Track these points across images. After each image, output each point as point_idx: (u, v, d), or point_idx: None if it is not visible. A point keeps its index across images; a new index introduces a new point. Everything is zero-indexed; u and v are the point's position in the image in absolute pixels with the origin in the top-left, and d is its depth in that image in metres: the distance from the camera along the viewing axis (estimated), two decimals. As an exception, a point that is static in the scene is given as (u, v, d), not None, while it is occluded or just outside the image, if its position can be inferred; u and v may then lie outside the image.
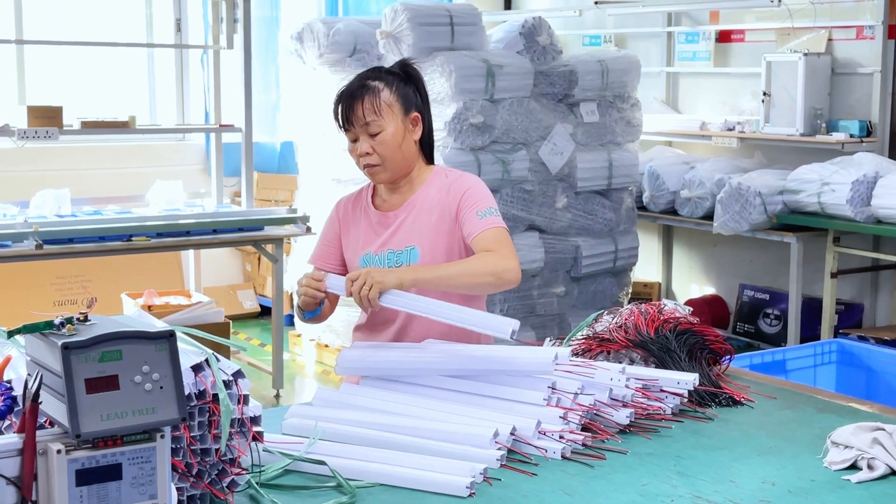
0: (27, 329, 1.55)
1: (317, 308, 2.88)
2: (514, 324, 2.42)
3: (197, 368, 1.93)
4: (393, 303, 2.66)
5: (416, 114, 2.94)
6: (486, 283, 2.79)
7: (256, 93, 8.42)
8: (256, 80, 8.38)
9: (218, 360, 1.98)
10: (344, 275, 2.99)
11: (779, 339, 6.83)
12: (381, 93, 2.88)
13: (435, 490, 2.11)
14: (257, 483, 2.10)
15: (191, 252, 6.95)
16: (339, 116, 2.91)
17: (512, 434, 2.27)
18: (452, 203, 2.91)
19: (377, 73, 2.95)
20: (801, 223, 6.24)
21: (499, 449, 2.23)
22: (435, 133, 6.13)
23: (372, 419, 2.40)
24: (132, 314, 2.42)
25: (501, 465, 2.21)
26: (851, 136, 6.37)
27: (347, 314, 6.17)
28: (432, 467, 2.17)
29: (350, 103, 2.88)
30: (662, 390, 2.55)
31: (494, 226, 2.85)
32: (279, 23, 8.39)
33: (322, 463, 2.19)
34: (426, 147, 3.02)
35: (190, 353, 1.96)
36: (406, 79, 2.95)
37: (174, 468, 1.89)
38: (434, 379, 2.53)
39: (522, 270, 6.54)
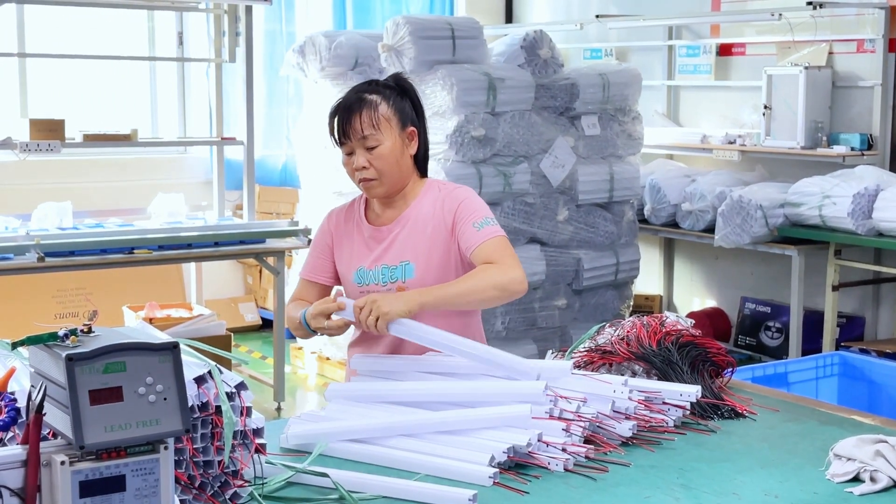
0: (31, 340, 1.55)
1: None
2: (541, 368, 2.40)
3: (200, 380, 1.94)
4: (401, 332, 2.64)
5: (412, 128, 2.90)
6: (492, 297, 2.77)
7: (265, 106, 8.48)
8: (264, 93, 8.43)
9: (221, 372, 1.98)
10: (337, 284, 3.02)
11: (780, 352, 6.83)
12: (378, 106, 2.84)
13: (437, 502, 2.11)
14: (260, 495, 2.10)
15: (192, 265, 6.96)
16: (336, 130, 2.87)
17: (510, 457, 2.27)
18: (448, 216, 2.87)
19: (373, 86, 2.91)
20: (803, 236, 6.24)
21: (493, 466, 2.23)
22: (436, 146, 6.20)
23: (370, 436, 2.40)
24: (135, 326, 2.42)
25: (501, 474, 2.21)
26: (852, 149, 6.37)
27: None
28: (455, 456, 2.21)
29: (347, 116, 2.84)
30: (665, 402, 2.55)
31: (493, 236, 2.82)
32: (294, 37, 8.35)
33: (324, 475, 2.19)
34: (421, 161, 2.98)
35: (193, 365, 1.96)
36: (402, 93, 2.92)
37: (177, 480, 1.89)
38: (433, 391, 2.54)
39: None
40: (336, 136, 2.87)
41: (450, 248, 2.87)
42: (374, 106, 2.84)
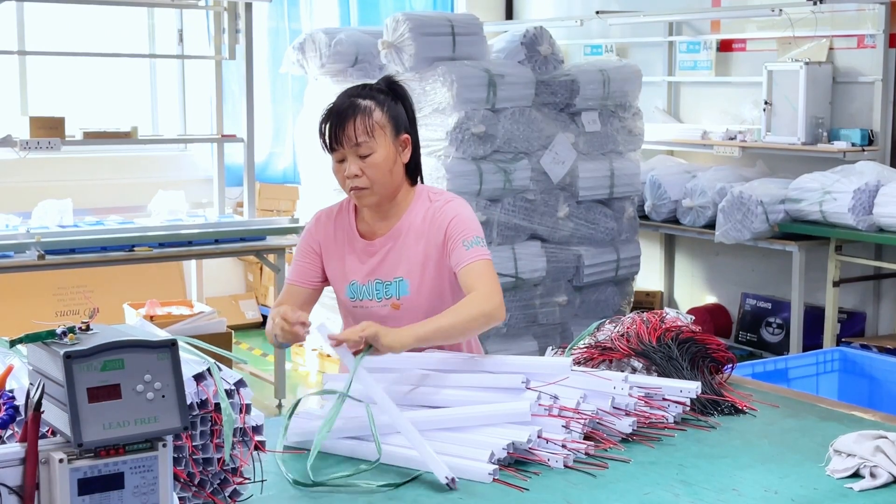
0: (29, 338, 1.55)
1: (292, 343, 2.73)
2: (450, 474, 2.20)
3: (199, 378, 1.94)
4: (366, 381, 2.44)
5: (405, 135, 2.83)
6: (479, 325, 2.68)
7: (270, 104, 8.48)
8: (268, 91, 8.43)
9: (220, 369, 1.98)
10: (323, 287, 2.96)
11: (781, 348, 6.83)
12: (373, 112, 2.76)
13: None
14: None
15: (193, 262, 6.96)
16: (327, 136, 2.78)
17: (510, 453, 2.27)
18: (438, 233, 2.81)
19: (367, 91, 2.83)
20: (803, 232, 6.24)
21: (493, 462, 2.24)
22: (436, 143, 6.18)
23: (369, 433, 2.41)
24: (134, 324, 2.42)
25: (501, 471, 2.22)
26: (853, 144, 6.37)
27: (349, 324, 6.16)
28: (455, 453, 2.28)
29: (340, 122, 2.75)
30: (665, 399, 2.55)
31: (480, 258, 2.75)
32: (298, 35, 8.36)
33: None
34: (412, 169, 2.90)
35: (192, 362, 1.96)
36: (395, 98, 2.84)
37: (176, 477, 1.89)
38: (433, 391, 2.54)
39: (525, 280, 6.56)
40: (327, 143, 2.78)
41: (442, 263, 2.82)
42: (368, 112, 2.76)
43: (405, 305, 2.81)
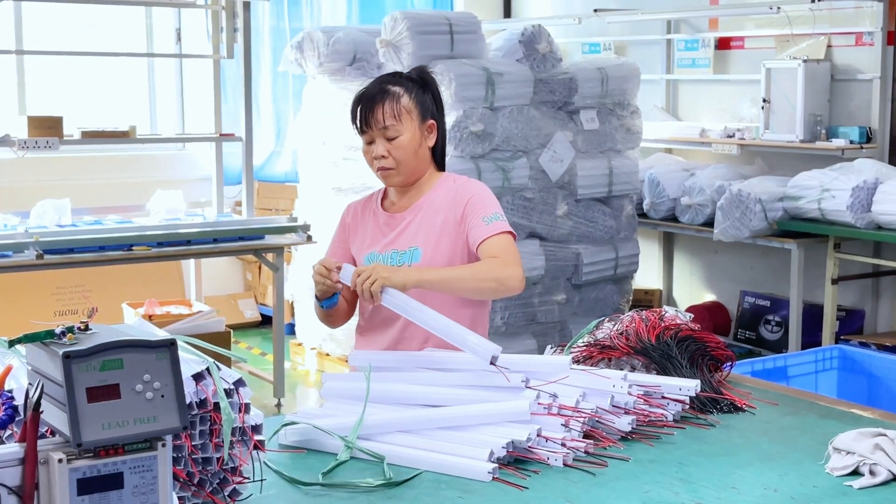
0: (28, 338, 1.55)
1: (333, 296, 2.92)
2: (496, 350, 2.40)
3: (198, 377, 1.93)
4: (392, 304, 2.68)
5: (431, 121, 3.01)
6: (489, 288, 2.83)
7: (272, 103, 8.48)
8: (269, 90, 8.42)
9: (219, 368, 1.98)
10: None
11: (780, 346, 6.83)
12: (401, 98, 2.94)
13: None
14: (323, 474, 2.11)
15: (191, 261, 6.96)
16: (357, 118, 2.96)
17: (509, 452, 2.27)
18: (458, 207, 2.95)
19: (397, 78, 3.01)
20: (802, 230, 6.24)
21: (492, 461, 2.24)
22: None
23: (369, 432, 2.41)
24: (133, 323, 2.42)
25: (500, 470, 2.22)
26: (851, 142, 6.37)
27: (350, 322, 6.15)
28: (454, 452, 2.28)
29: (370, 106, 2.93)
30: (664, 397, 2.55)
31: (501, 232, 2.89)
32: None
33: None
34: (438, 154, 3.07)
35: (191, 361, 1.96)
36: (424, 86, 3.01)
37: (176, 477, 1.89)
38: (433, 390, 2.53)
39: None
40: (358, 125, 2.96)
41: (458, 237, 2.94)
42: (396, 97, 2.93)
43: None
